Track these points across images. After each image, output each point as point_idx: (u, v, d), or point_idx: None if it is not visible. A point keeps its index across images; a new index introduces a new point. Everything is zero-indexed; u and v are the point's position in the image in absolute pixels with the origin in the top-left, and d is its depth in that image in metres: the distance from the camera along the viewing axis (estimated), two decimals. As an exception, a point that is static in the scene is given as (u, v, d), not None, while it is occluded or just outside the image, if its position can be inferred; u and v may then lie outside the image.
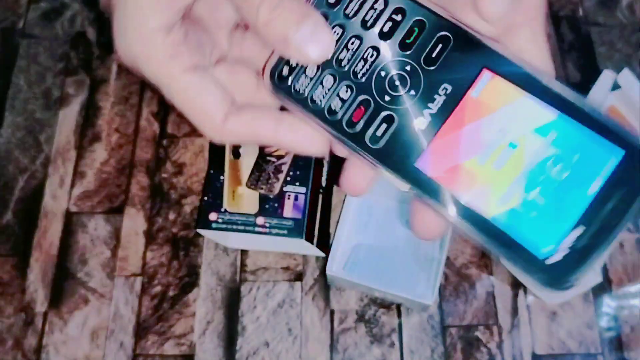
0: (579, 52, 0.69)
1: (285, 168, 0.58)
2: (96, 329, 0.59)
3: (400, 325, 0.58)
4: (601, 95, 0.56)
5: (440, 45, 0.22)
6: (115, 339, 0.58)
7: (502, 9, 0.21)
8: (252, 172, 0.58)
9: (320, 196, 0.60)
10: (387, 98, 0.22)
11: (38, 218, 0.63)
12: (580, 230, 0.19)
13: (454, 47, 0.21)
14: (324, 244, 0.59)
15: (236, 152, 0.59)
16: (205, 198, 0.57)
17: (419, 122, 0.21)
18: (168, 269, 0.61)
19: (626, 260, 0.60)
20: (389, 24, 0.22)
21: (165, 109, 0.67)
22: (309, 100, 0.23)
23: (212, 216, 0.57)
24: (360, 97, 0.22)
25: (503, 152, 0.20)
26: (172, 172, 0.65)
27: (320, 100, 0.22)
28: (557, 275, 0.19)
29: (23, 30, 0.72)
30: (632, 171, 0.19)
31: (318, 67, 0.23)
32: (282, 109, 0.24)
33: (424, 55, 0.22)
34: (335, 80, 0.22)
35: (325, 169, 0.61)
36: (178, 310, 0.59)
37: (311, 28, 0.22)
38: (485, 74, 0.21)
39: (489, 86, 0.21)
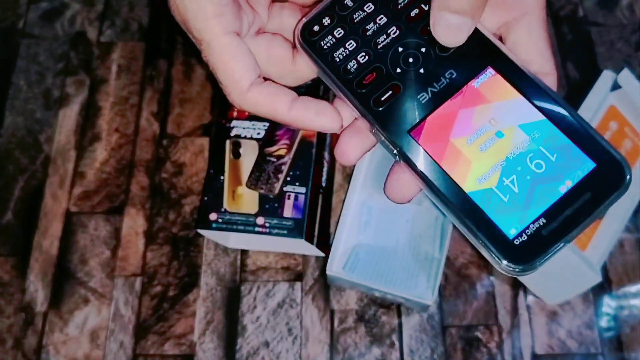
0: (579, 52, 0.69)
1: (285, 168, 0.58)
2: (96, 329, 0.59)
3: (400, 325, 0.58)
4: (601, 95, 0.56)
5: None
6: (115, 339, 0.58)
7: (459, 40, 0.24)
8: (252, 172, 0.58)
9: (320, 196, 0.60)
10: (398, 70, 0.25)
11: (38, 218, 0.63)
12: (544, 220, 0.22)
13: (467, 42, 0.24)
14: (324, 244, 0.59)
15: (236, 152, 0.59)
16: (205, 198, 0.57)
17: (421, 96, 0.24)
18: (168, 269, 0.61)
19: (626, 260, 0.60)
20: (416, 10, 0.25)
21: (165, 109, 0.67)
22: (329, 57, 0.26)
23: (212, 216, 0.57)
24: (375, 64, 0.25)
25: (490, 138, 0.23)
26: (172, 172, 0.65)
27: (340, 59, 0.25)
28: (523, 255, 0.22)
29: (23, 30, 0.72)
30: (599, 182, 0.22)
31: (345, 31, 0.26)
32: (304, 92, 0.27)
33: (436, 41, 0.24)
34: (357, 45, 0.26)
35: (325, 169, 0.61)
36: (178, 310, 0.59)
37: None
38: (489, 71, 0.24)
39: (489, 81, 0.24)
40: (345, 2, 0.26)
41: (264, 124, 0.60)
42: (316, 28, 0.26)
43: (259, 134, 0.60)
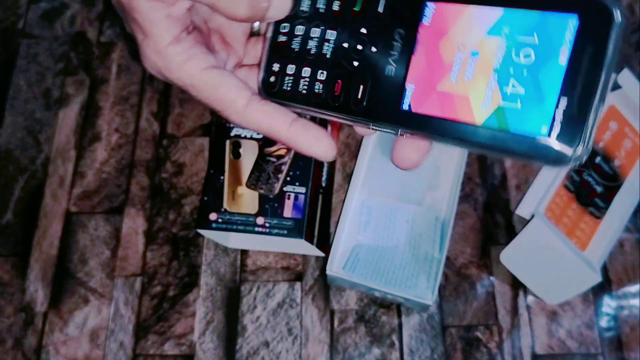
0: (579, 52, 0.69)
1: (285, 168, 0.58)
2: (96, 329, 0.59)
3: (400, 325, 0.58)
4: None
5: (382, 0, 0.24)
6: (115, 339, 0.58)
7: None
8: (252, 172, 0.58)
9: (320, 196, 0.60)
10: (355, 64, 0.25)
11: (38, 218, 0.63)
12: (565, 99, 0.20)
13: None
14: (324, 244, 0.59)
15: (236, 152, 0.59)
16: (205, 198, 0.57)
17: (387, 70, 0.24)
18: (168, 269, 0.61)
19: (626, 260, 0.60)
20: (337, 2, 0.25)
21: (165, 109, 0.67)
22: (297, 95, 0.26)
23: (212, 216, 0.57)
24: (335, 73, 0.25)
25: (468, 63, 0.22)
26: (172, 172, 0.65)
27: (306, 90, 0.26)
28: (566, 144, 0.20)
29: (23, 30, 0.72)
30: (592, 30, 0.20)
31: (295, 64, 0.26)
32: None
33: (371, 13, 0.24)
34: (311, 68, 0.26)
35: (325, 169, 0.61)
36: (178, 310, 0.59)
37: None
38: (427, 5, 0.23)
39: (435, 15, 0.23)
40: (279, 40, 0.26)
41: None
42: (272, 79, 0.26)
43: (258, 134, 0.60)
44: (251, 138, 0.60)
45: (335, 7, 0.25)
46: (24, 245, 0.62)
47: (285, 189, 0.57)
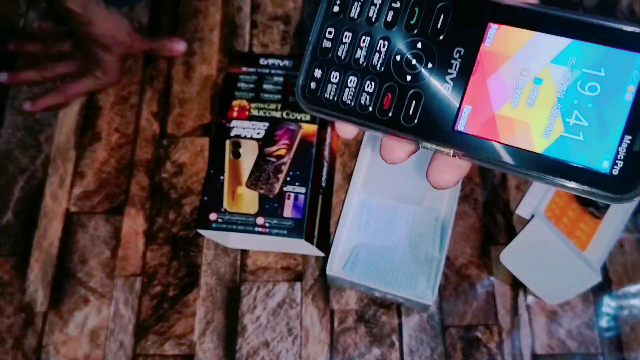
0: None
1: (285, 168, 0.58)
2: (96, 329, 0.59)
3: (400, 325, 0.58)
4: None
5: (442, 15, 0.23)
6: (115, 339, 0.58)
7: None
8: (252, 172, 0.58)
9: (320, 196, 0.60)
10: (408, 78, 0.24)
11: (38, 218, 0.63)
12: (629, 136, 0.20)
13: (455, 13, 0.23)
14: (324, 244, 0.59)
15: (236, 152, 0.59)
16: (205, 198, 0.57)
17: (444, 88, 0.23)
18: (168, 269, 0.61)
19: (626, 260, 0.60)
20: (391, 12, 0.24)
21: (165, 109, 0.67)
22: (340, 104, 0.25)
23: (212, 216, 0.57)
24: (385, 85, 0.24)
25: (531, 90, 0.22)
26: (172, 172, 0.65)
27: (350, 100, 0.24)
28: (627, 181, 0.20)
29: (23, 30, 0.72)
30: None
31: (340, 72, 0.25)
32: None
33: (430, 28, 0.23)
34: (358, 78, 0.24)
35: (325, 169, 0.61)
36: (178, 310, 0.59)
37: None
38: (491, 27, 0.23)
39: (497, 37, 0.22)
40: (324, 45, 0.25)
41: (264, 124, 0.60)
42: (313, 85, 0.25)
43: (258, 134, 0.60)
44: (251, 138, 0.60)
45: (390, 17, 0.24)
46: (24, 245, 0.62)
47: (285, 189, 0.57)
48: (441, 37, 0.23)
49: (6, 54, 0.70)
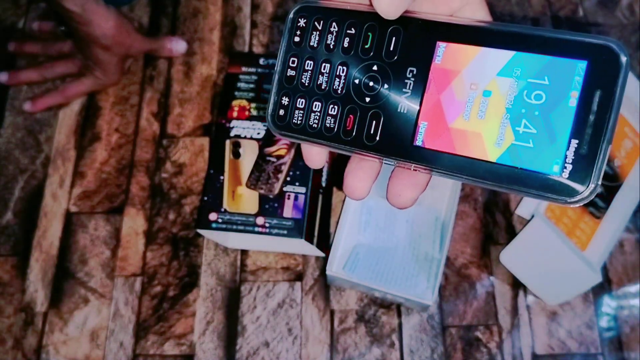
0: (579, 52, 0.69)
1: (285, 168, 0.58)
2: (96, 329, 0.59)
3: (400, 325, 0.58)
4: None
5: (394, 38, 0.25)
6: (115, 339, 0.58)
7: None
8: (252, 172, 0.58)
9: (320, 196, 0.60)
10: (367, 99, 0.25)
11: (38, 218, 0.63)
12: (576, 140, 0.21)
13: (405, 35, 0.25)
14: (324, 244, 0.59)
15: (236, 152, 0.59)
16: (205, 198, 0.57)
17: (401, 107, 0.24)
18: (168, 269, 0.61)
19: (626, 260, 0.60)
20: (347, 39, 0.26)
21: (165, 109, 0.67)
22: (307, 128, 0.26)
23: (212, 216, 0.57)
24: (347, 108, 0.26)
25: (481, 102, 0.23)
26: (172, 172, 0.65)
27: (317, 124, 0.26)
28: (578, 183, 0.21)
29: (23, 30, 0.72)
30: (600, 74, 0.21)
31: (306, 98, 0.26)
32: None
33: (383, 51, 0.25)
34: (322, 103, 0.26)
35: (325, 169, 0.61)
36: (178, 310, 0.59)
37: None
38: (440, 46, 0.24)
39: (446, 54, 0.24)
40: (288, 74, 0.27)
41: (264, 124, 0.60)
42: (282, 112, 0.27)
43: (258, 134, 0.60)
44: (251, 138, 0.60)
45: (346, 43, 0.26)
46: (24, 245, 0.62)
47: (285, 189, 0.57)
48: (395, 59, 0.25)
49: (6, 54, 0.70)
